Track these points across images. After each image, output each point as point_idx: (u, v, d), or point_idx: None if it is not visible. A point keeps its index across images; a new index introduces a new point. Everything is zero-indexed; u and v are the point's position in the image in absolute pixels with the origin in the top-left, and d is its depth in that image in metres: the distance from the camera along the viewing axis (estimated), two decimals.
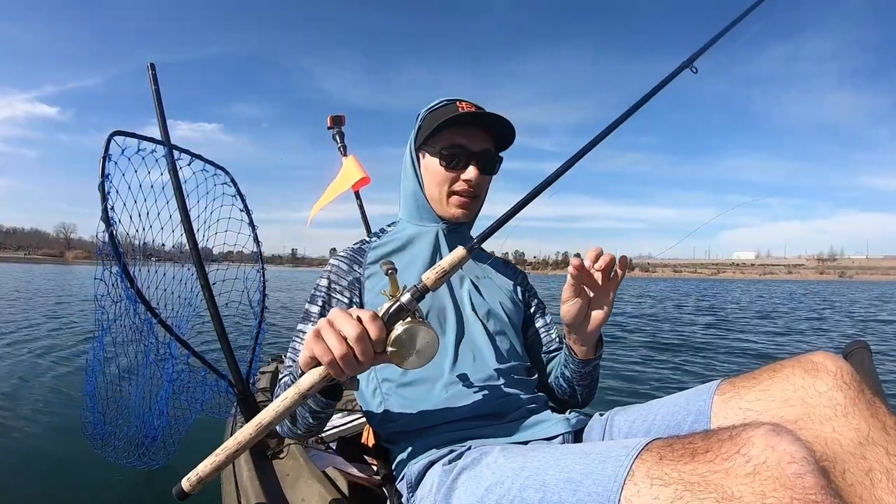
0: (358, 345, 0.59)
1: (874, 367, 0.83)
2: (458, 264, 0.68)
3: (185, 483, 0.60)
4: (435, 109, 0.95)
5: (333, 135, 2.19)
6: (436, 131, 0.91)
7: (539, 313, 1.08)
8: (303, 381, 0.62)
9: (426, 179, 0.95)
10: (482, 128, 0.94)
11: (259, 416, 0.61)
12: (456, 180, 0.93)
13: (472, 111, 0.91)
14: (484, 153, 0.94)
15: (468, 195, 0.94)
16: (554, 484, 0.55)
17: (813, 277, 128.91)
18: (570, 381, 0.94)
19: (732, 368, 4.58)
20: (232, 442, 0.61)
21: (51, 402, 2.90)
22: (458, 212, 0.94)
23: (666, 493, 0.45)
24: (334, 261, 0.94)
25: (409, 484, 0.77)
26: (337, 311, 0.62)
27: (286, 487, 0.98)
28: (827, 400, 0.61)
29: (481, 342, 0.89)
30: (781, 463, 0.43)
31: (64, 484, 1.89)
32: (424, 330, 0.63)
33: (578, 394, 0.97)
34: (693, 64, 0.89)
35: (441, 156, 0.91)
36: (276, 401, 0.62)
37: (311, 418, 0.75)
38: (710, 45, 0.90)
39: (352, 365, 0.60)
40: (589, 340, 0.86)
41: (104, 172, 1.30)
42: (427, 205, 0.96)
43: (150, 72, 1.44)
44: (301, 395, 0.61)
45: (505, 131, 0.95)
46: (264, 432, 0.61)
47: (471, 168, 0.92)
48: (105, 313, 1.41)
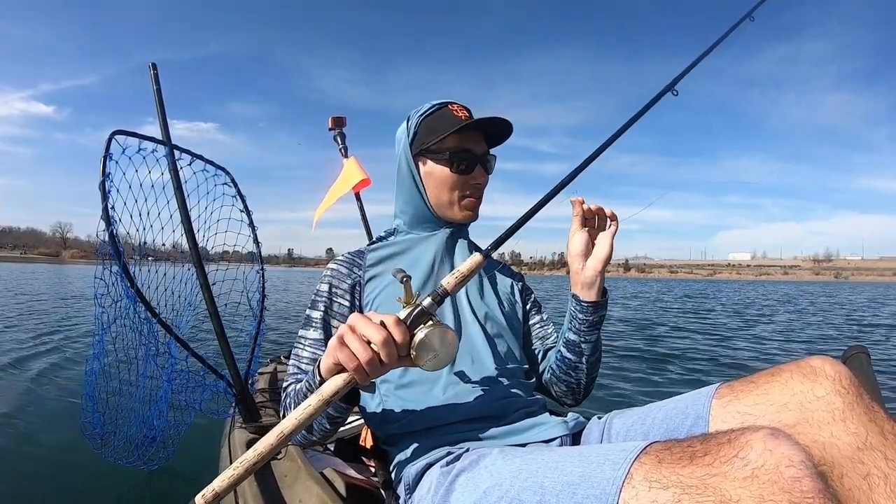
0: (384, 349, 0.61)
1: (873, 372, 0.83)
2: (476, 269, 0.71)
3: (199, 500, 0.58)
4: (429, 114, 0.95)
5: (334, 136, 2.19)
6: (435, 137, 0.91)
7: (535, 310, 1.08)
8: (325, 388, 0.62)
9: (431, 185, 0.95)
10: (479, 130, 0.95)
11: (280, 425, 0.61)
12: (466, 184, 0.94)
13: (485, 118, 0.92)
14: (486, 155, 0.96)
15: (477, 196, 0.97)
16: (552, 486, 0.55)
17: (809, 278, 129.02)
18: (577, 344, 0.89)
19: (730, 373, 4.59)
20: (251, 454, 0.60)
21: (50, 402, 2.89)
22: (469, 213, 0.97)
23: (664, 496, 0.45)
24: (333, 265, 0.94)
25: (406, 486, 0.77)
26: (358, 316, 0.64)
27: (284, 489, 0.98)
28: (825, 404, 0.61)
29: (479, 344, 0.89)
30: (779, 467, 0.43)
31: (64, 484, 1.89)
32: (447, 332, 0.65)
33: (584, 358, 0.90)
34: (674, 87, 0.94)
35: (451, 161, 0.92)
36: (297, 409, 0.62)
37: (328, 424, 0.76)
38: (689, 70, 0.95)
39: (376, 369, 0.62)
40: (594, 280, 0.86)
41: (105, 171, 1.30)
42: (427, 211, 0.96)
43: (152, 72, 1.45)
44: (325, 402, 0.62)
45: (501, 133, 0.97)
46: (286, 441, 0.61)
47: (479, 170, 0.95)
48: (105, 313, 1.41)
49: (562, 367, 0.93)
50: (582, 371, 0.92)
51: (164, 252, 1.63)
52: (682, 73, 0.95)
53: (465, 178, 0.94)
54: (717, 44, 0.99)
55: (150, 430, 1.62)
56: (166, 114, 1.46)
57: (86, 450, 1.71)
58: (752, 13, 1.06)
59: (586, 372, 0.92)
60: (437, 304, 0.67)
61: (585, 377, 0.93)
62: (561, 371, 0.94)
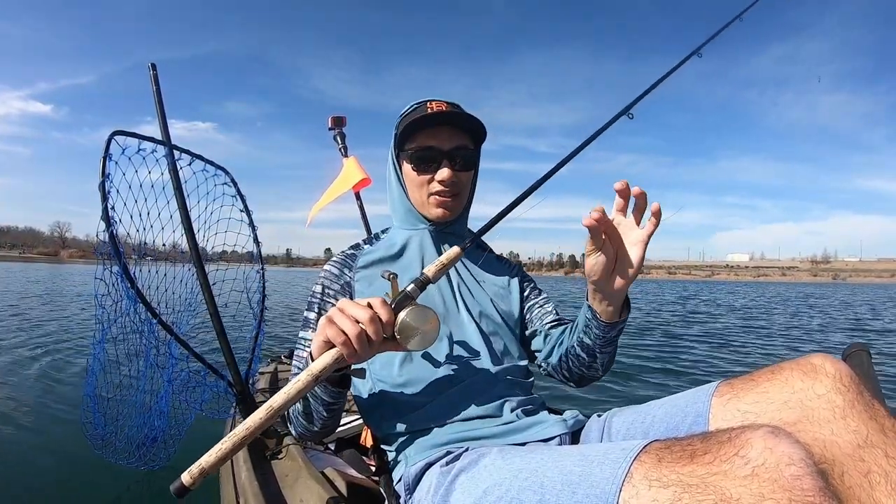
0: (371, 325, 0.64)
1: (873, 370, 0.83)
2: (454, 258, 0.74)
3: (185, 477, 0.58)
4: (408, 113, 0.94)
5: (334, 136, 2.19)
6: (407, 136, 0.91)
7: (534, 294, 1.06)
8: (315, 365, 0.64)
9: (407, 185, 0.95)
10: (452, 125, 0.91)
11: (270, 400, 0.62)
12: (431, 181, 0.92)
13: (433, 112, 0.88)
14: (457, 150, 0.91)
15: (446, 194, 0.92)
16: (552, 486, 0.55)
17: (807, 279, 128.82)
18: (592, 349, 0.85)
19: (731, 371, 4.58)
20: (241, 429, 0.60)
21: (51, 402, 2.89)
22: (440, 211, 0.93)
23: (664, 494, 0.45)
24: (327, 266, 0.95)
25: (406, 485, 0.77)
26: (346, 300, 0.67)
27: (285, 488, 0.98)
28: (826, 402, 0.61)
29: (476, 343, 0.89)
30: (780, 465, 0.43)
31: (65, 484, 1.89)
32: (428, 312, 0.70)
33: (599, 361, 0.87)
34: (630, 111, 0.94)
35: (412, 160, 0.92)
36: (288, 384, 0.64)
37: (324, 411, 0.78)
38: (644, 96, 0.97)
39: (364, 345, 0.65)
40: (616, 299, 0.78)
41: (105, 172, 1.30)
42: (413, 210, 0.97)
43: (152, 72, 1.44)
44: (314, 377, 0.64)
45: (469, 123, 0.91)
46: (276, 416, 0.62)
47: (444, 168, 0.90)
48: (105, 313, 1.41)
49: (574, 362, 0.90)
50: (603, 360, 0.88)
51: (164, 252, 1.63)
52: (636, 99, 0.96)
53: (428, 175, 0.91)
54: (668, 75, 1.01)
55: (151, 431, 1.63)
56: (166, 114, 1.46)
57: (87, 450, 1.71)
58: (699, 50, 1.08)
59: (609, 360, 0.89)
60: (419, 289, 0.70)
61: (607, 362, 0.90)
62: (578, 361, 0.89)
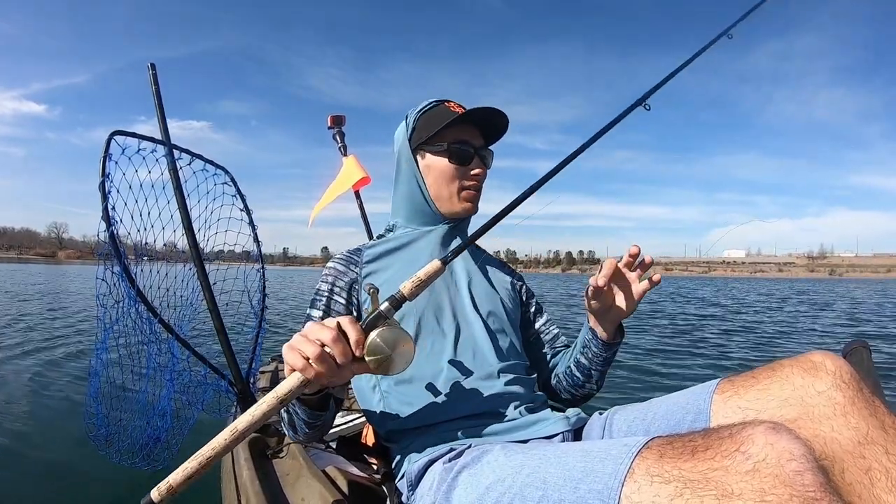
0: (335, 346, 0.61)
1: (873, 366, 0.83)
2: (434, 275, 0.69)
3: (154, 493, 0.57)
4: (428, 110, 0.96)
5: (334, 135, 2.19)
6: (433, 131, 0.93)
7: (538, 313, 1.10)
8: (280, 387, 0.62)
9: (430, 179, 0.95)
10: (475, 125, 0.97)
11: (236, 422, 0.60)
12: (465, 175, 0.95)
13: (482, 108, 0.93)
14: (483, 148, 0.98)
15: (476, 189, 0.97)
16: (554, 482, 0.55)
17: (803, 275, 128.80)
18: (588, 368, 0.94)
19: (731, 368, 4.59)
20: (206, 449, 0.59)
21: (51, 402, 2.89)
22: (468, 206, 0.97)
23: (666, 490, 0.46)
24: (332, 263, 0.95)
25: (409, 482, 0.77)
26: (311, 323, 0.64)
27: (286, 487, 0.98)
28: (826, 399, 0.61)
29: (481, 340, 0.90)
30: (781, 460, 0.43)
31: (66, 484, 1.89)
32: (400, 333, 0.65)
33: (594, 379, 0.96)
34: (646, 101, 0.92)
35: (450, 153, 0.93)
36: (254, 406, 0.61)
37: (305, 427, 0.77)
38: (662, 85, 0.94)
39: (330, 367, 0.61)
40: (612, 325, 0.90)
41: (104, 172, 1.30)
42: (427, 206, 0.97)
43: (151, 72, 1.44)
44: (278, 400, 0.61)
45: (498, 124, 0.97)
46: (240, 439, 0.60)
47: (477, 162, 0.96)
48: (107, 313, 1.41)
49: (570, 380, 0.98)
50: (590, 387, 0.98)
51: (164, 252, 1.63)
52: (653, 88, 0.93)
53: (464, 169, 0.95)
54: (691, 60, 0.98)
55: (153, 431, 1.63)
56: (165, 114, 1.46)
57: (88, 450, 1.71)
58: (729, 31, 1.05)
59: (602, 377, 0.97)
60: (394, 308, 0.66)
61: (594, 389, 0.99)
62: (574, 380, 0.98)
